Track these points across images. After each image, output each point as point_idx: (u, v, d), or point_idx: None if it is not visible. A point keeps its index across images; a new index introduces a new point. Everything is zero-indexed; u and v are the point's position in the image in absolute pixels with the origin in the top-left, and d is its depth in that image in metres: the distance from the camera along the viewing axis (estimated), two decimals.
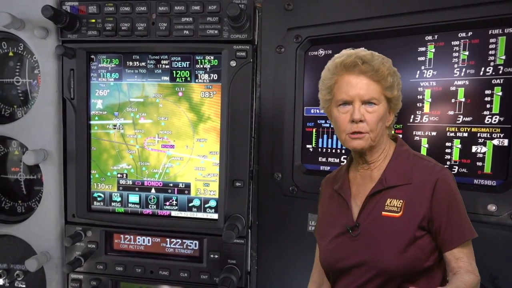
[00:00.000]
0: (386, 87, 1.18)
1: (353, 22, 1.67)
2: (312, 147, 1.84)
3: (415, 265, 1.14)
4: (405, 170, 1.19)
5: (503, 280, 1.49)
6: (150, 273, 1.95)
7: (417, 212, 1.13)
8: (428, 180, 1.14)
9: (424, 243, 1.14)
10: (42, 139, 1.92)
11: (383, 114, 1.19)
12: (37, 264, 1.85)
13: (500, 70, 1.46)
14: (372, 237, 1.20)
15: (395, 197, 1.17)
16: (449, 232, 1.11)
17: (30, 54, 1.99)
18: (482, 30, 1.47)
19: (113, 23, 1.84)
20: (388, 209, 1.17)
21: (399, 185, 1.18)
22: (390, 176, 1.20)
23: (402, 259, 1.13)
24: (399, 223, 1.15)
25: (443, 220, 1.10)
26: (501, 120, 1.47)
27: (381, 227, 1.18)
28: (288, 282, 1.90)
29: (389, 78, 1.17)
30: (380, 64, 1.17)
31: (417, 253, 1.14)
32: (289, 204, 1.84)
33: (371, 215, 1.21)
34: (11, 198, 2.13)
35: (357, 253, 1.22)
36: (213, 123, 1.88)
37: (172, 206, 1.95)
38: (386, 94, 1.19)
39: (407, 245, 1.13)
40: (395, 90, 1.21)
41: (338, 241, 1.28)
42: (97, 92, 1.96)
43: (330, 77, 1.24)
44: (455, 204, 1.12)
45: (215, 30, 1.77)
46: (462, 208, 1.14)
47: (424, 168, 1.17)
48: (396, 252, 1.14)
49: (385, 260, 1.15)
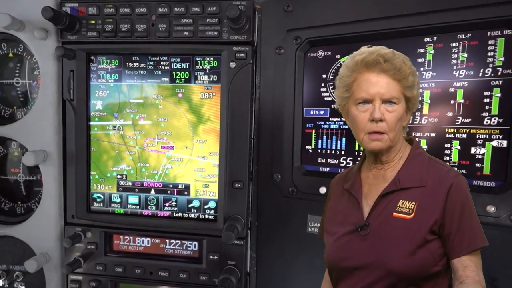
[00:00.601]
0: (406, 87, 1.17)
1: (353, 24, 1.67)
2: (312, 148, 1.84)
3: (423, 269, 1.12)
4: (419, 173, 1.17)
5: (502, 282, 1.49)
6: (149, 274, 1.95)
7: (429, 215, 1.11)
8: (442, 184, 1.12)
9: (434, 247, 1.12)
10: (41, 140, 1.92)
11: (402, 114, 1.17)
12: (36, 265, 1.85)
13: (499, 71, 1.46)
14: (382, 237, 1.17)
15: (407, 198, 1.16)
16: (459, 239, 1.09)
17: (30, 55, 1.99)
18: (481, 32, 1.47)
19: (113, 24, 1.84)
20: (400, 210, 1.15)
21: (412, 187, 1.17)
22: (404, 178, 1.19)
23: (410, 261, 1.11)
24: (410, 225, 1.13)
25: (454, 226, 1.09)
26: (500, 121, 1.47)
27: (392, 228, 1.16)
28: (287, 283, 1.90)
29: (410, 78, 1.16)
30: (401, 63, 1.15)
31: (426, 257, 1.12)
32: (289, 205, 1.85)
33: (382, 215, 1.19)
34: (10, 199, 2.13)
35: (364, 253, 1.19)
36: (213, 124, 1.88)
37: (171, 207, 1.95)
38: (406, 93, 1.17)
39: (417, 248, 1.11)
40: (415, 90, 1.19)
41: (346, 239, 1.26)
42: (96, 93, 1.96)
43: (349, 74, 1.21)
44: (468, 210, 1.10)
45: (215, 32, 1.77)
46: (474, 216, 1.12)
47: (439, 172, 1.15)
48: (405, 254, 1.12)
49: (393, 261, 1.13)
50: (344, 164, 1.78)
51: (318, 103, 1.81)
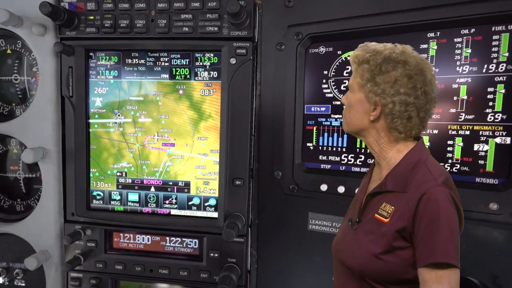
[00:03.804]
0: (363, 84, 1.22)
1: (355, 19, 1.65)
2: (313, 145, 1.83)
3: (388, 273, 1.12)
4: (405, 177, 1.14)
5: (504, 279, 1.48)
6: (149, 272, 1.95)
7: (400, 222, 1.10)
8: (418, 192, 1.09)
9: (406, 255, 1.10)
10: (41, 137, 1.91)
11: (354, 103, 1.22)
12: (36, 262, 1.85)
13: (503, 67, 1.44)
14: (359, 236, 1.21)
15: (389, 202, 1.15)
16: (419, 250, 1.06)
17: (28, 51, 1.97)
18: (485, 27, 1.45)
19: (111, 20, 1.82)
20: (380, 212, 1.16)
21: (395, 191, 1.15)
22: (391, 180, 1.18)
23: (372, 264, 1.13)
24: (383, 229, 1.14)
25: (419, 236, 1.06)
26: (503, 118, 1.45)
27: (369, 228, 1.18)
28: (288, 280, 1.89)
29: (366, 75, 1.20)
30: (369, 60, 1.20)
31: (394, 263, 1.11)
32: (290, 203, 1.83)
33: (369, 214, 1.21)
34: (10, 197, 2.12)
35: (347, 247, 1.25)
36: (214, 122, 1.86)
37: (171, 205, 1.94)
38: (365, 88, 1.21)
39: (383, 252, 1.12)
40: (372, 94, 1.19)
41: (342, 229, 1.34)
42: (96, 90, 1.94)
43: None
44: (436, 223, 1.04)
45: (215, 27, 1.75)
46: (443, 230, 1.04)
47: (421, 179, 1.11)
48: (369, 256, 1.14)
49: (355, 260, 1.18)
50: (345, 161, 1.77)
51: (320, 100, 1.79)
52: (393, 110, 1.14)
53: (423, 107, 1.15)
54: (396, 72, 1.13)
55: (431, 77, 1.16)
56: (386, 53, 1.15)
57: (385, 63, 1.14)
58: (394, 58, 1.14)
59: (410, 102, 1.13)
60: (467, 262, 1.52)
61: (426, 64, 1.17)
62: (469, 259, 1.52)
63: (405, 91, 1.13)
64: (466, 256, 1.51)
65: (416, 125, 1.16)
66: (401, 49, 1.17)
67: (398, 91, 1.13)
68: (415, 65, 1.14)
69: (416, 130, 1.18)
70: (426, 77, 1.14)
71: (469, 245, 1.51)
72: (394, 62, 1.14)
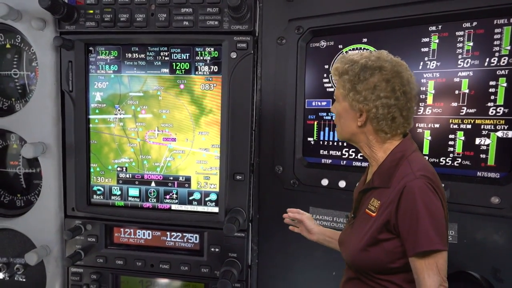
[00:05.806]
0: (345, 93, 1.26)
1: (356, 13, 1.64)
2: (314, 140, 1.82)
3: (376, 264, 1.20)
4: (389, 173, 1.21)
5: (505, 273, 1.48)
6: (150, 267, 1.95)
7: (384, 216, 1.17)
8: (398, 186, 1.16)
9: (390, 246, 1.17)
10: (40, 132, 1.90)
11: (342, 112, 1.27)
12: (37, 257, 1.85)
13: (505, 60, 1.43)
14: (352, 230, 1.30)
15: (377, 197, 1.23)
16: (406, 241, 1.13)
17: (27, 46, 1.96)
18: (487, 20, 1.45)
19: (111, 14, 1.81)
20: (369, 207, 1.24)
21: (381, 187, 1.22)
22: (377, 177, 1.25)
23: (362, 256, 1.22)
24: (370, 223, 1.21)
25: (405, 228, 1.13)
26: (505, 111, 1.45)
27: (360, 223, 1.27)
28: (289, 275, 1.89)
29: (347, 85, 1.23)
30: (348, 72, 1.24)
31: (380, 255, 1.18)
32: (290, 197, 1.83)
33: (361, 210, 1.30)
34: (10, 192, 2.12)
35: (345, 242, 1.33)
36: (214, 116, 1.86)
37: (172, 200, 1.94)
38: (348, 98, 1.25)
39: (369, 245, 1.20)
40: (356, 102, 1.23)
41: (345, 226, 1.41)
42: (96, 85, 1.94)
43: None
44: (415, 214, 1.10)
45: (215, 21, 1.74)
46: (422, 219, 1.10)
47: (402, 174, 1.18)
48: (359, 248, 1.22)
49: (350, 253, 1.26)
50: (346, 156, 1.77)
51: (320, 94, 1.79)
52: (377, 114, 1.20)
53: (405, 106, 1.20)
54: (374, 79, 1.19)
55: (408, 77, 1.21)
56: (362, 62, 1.21)
57: (363, 72, 1.20)
58: (370, 65, 1.20)
59: (391, 104, 1.19)
60: (468, 256, 1.53)
61: (401, 65, 1.21)
62: (471, 253, 1.52)
63: (385, 94, 1.18)
64: (467, 250, 1.52)
65: (400, 124, 1.22)
66: (376, 56, 1.22)
67: (379, 96, 1.19)
68: (390, 68, 1.19)
69: (401, 128, 1.23)
70: (403, 78, 1.19)
71: (470, 239, 1.51)
72: (371, 69, 1.19)
